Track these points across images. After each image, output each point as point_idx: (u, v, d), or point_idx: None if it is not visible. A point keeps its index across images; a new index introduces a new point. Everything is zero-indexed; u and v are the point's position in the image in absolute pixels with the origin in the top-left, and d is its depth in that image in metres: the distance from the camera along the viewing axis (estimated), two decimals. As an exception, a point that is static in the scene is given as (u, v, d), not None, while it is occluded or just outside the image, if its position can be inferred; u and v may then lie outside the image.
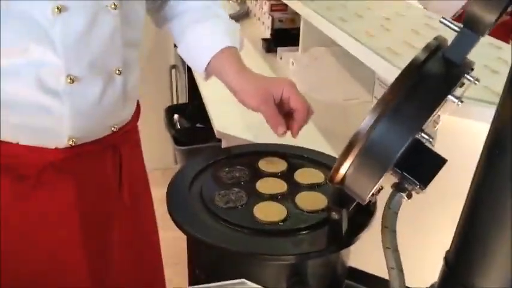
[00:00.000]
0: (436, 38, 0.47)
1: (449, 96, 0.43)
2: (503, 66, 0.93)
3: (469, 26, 0.43)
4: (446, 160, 0.50)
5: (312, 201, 0.62)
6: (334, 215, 0.55)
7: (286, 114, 0.74)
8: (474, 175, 0.50)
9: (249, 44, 2.05)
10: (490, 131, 0.47)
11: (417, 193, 0.51)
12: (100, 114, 0.76)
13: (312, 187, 0.66)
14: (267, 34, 2.04)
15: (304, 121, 0.73)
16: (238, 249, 0.55)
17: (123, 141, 0.83)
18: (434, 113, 0.44)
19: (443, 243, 0.58)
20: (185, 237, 0.61)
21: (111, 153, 0.82)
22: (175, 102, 2.56)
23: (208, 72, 0.82)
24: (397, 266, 0.51)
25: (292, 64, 1.62)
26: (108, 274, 0.86)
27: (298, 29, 1.74)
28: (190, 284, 0.63)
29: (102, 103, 0.75)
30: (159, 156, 2.21)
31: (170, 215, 0.60)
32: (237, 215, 0.60)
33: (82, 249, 0.80)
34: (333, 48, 1.57)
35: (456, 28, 0.45)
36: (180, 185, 0.66)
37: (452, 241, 0.54)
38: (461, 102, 0.44)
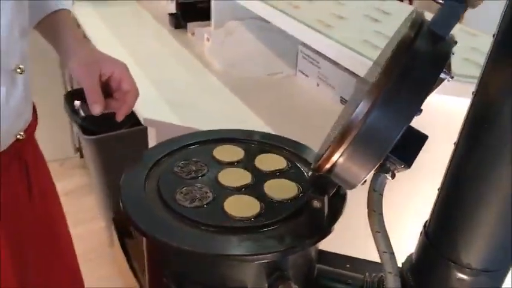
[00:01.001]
0: (415, 12, 0.45)
1: (442, 74, 0.42)
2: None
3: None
4: (427, 136, 0.49)
5: (281, 190, 0.59)
6: (316, 204, 0.52)
7: (107, 95, 0.74)
8: (456, 148, 0.49)
9: (154, 20, 1.94)
10: (473, 105, 0.47)
11: (402, 172, 0.50)
12: (5, 122, 0.66)
13: (275, 174, 0.63)
14: (172, 8, 1.93)
15: (133, 104, 0.75)
16: (218, 253, 0.50)
17: (27, 148, 0.76)
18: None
19: (418, 213, 0.59)
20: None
21: (18, 164, 0.74)
22: (72, 87, 2.36)
23: (41, 30, 0.79)
24: (388, 249, 0.49)
25: (208, 40, 1.55)
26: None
27: (206, 1, 1.67)
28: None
29: (8, 107, 0.66)
30: (55, 147, 2.05)
31: (133, 225, 0.54)
32: (206, 214, 0.55)
33: (11, 268, 0.72)
34: (248, 21, 1.53)
35: (440, 1, 0.43)
36: (134, 188, 0.59)
37: (432, 213, 0.54)
38: (452, 78, 0.43)
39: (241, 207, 0.56)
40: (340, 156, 0.44)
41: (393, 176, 0.50)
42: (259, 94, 1.26)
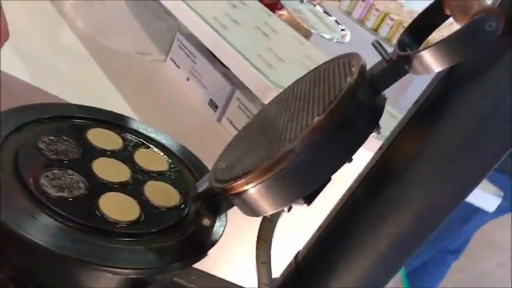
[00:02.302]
0: (359, 59, 0.45)
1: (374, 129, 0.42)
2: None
3: (404, 59, 0.42)
4: (331, 179, 0.49)
5: (163, 195, 0.54)
6: (206, 222, 0.48)
7: None
8: (351, 195, 0.51)
9: None
10: (381, 159, 0.49)
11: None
12: None
13: (156, 175, 0.57)
14: None
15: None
16: (85, 258, 0.43)
17: None
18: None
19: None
20: None
21: None
22: None
23: None
24: (269, 282, 0.48)
25: (74, -7, 1.38)
26: None
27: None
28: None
29: None
30: None
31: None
32: (76, 209, 0.47)
33: None
34: (123, -11, 1.41)
35: (386, 56, 0.44)
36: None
37: (308, 248, 0.54)
38: (379, 133, 0.44)
39: (118, 208, 0.49)
40: (255, 186, 0.42)
41: (290, 209, 0.50)
42: (125, 72, 1.16)
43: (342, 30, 2.27)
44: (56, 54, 1.09)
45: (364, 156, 0.51)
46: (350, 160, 0.41)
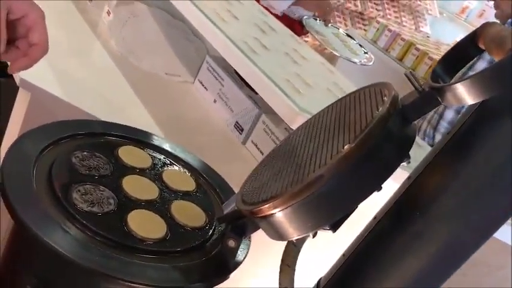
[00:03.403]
0: (390, 89, 0.45)
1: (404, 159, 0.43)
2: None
3: (437, 91, 0.42)
4: (357, 207, 0.49)
5: (189, 215, 0.54)
6: (232, 243, 0.48)
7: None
8: (377, 223, 0.51)
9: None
10: (408, 189, 0.48)
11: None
12: None
13: (183, 195, 0.58)
14: (73, -35, 1.74)
15: (35, 61, 0.62)
16: (111, 273, 0.44)
17: None
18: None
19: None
20: None
21: None
22: None
23: None
24: (292, 308, 0.48)
25: (108, 14, 1.42)
26: None
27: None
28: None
29: None
30: None
31: (9, 210, 0.44)
32: (105, 224, 0.48)
33: None
34: (155, 10, 1.45)
35: (419, 88, 0.44)
36: (21, 166, 0.49)
37: (331, 274, 0.54)
38: (409, 163, 0.44)
39: (146, 225, 0.50)
40: (283, 210, 0.42)
41: (315, 235, 0.50)
42: (153, 91, 1.18)
43: (365, 53, 2.28)
44: (89, 72, 1.12)
45: (390, 185, 0.51)
46: (379, 189, 0.41)
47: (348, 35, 2.62)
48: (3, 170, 0.48)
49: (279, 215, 0.42)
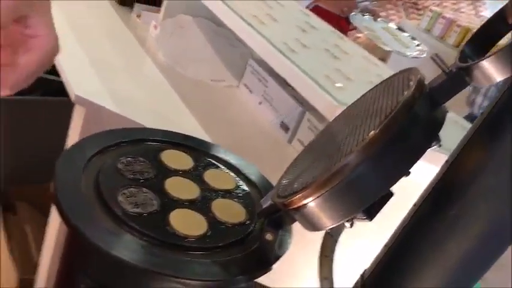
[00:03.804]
0: (417, 73, 0.45)
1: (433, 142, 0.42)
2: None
3: (465, 70, 0.41)
4: (393, 194, 0.49)
5: (229, 212, 0.56)
6: (269, 236, 0.50)
7: None
8: (416, 210, 0.50)
9: (98, -10, 1.82)
10: (445, 174, 0.47)
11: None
12: None
13: (224, 193, 0.60)
14: (122, -17, 1.82)
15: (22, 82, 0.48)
16: (158, 270, 0.46)
17: None
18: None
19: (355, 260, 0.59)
20: None
21: None
22: None
23: None
24: (333, 298, 0.48)
25: (155, 28, 1.48)
26: None
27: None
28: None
29: None
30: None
31: (63, 217, 0.48)
32: (149, 224, 0.50)
33: None
34: (200, 20, 1.49)
35: (445, 69, 0.43)
36: (70, 175, 0.53)
37: (374, 266, 0.54)
38: (440, 146, 0.43)
39: (187, 223, 0.52)
40: (314, 200, 0.43)
41: (352, 225, 0.50)
42: (200, 98, 1.22)
43: (418, 45, 2.22)
44: (139, 85, 1.18)
45: (430, 170, 0.50)
46: (407, 174, 0.41)
47: (399, 28, 2.56)
48: (55, 179, 0.52)
49: (311, 205, 0.43)
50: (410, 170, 0.41)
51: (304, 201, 0.43)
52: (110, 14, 1.63)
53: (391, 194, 0.49)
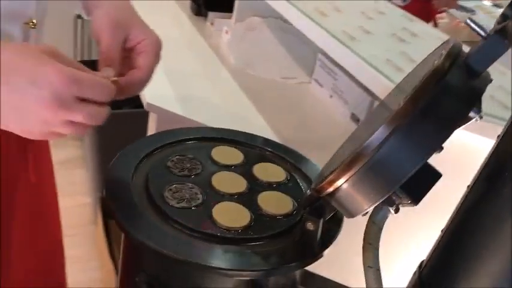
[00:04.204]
0: (451, 42, 0.41)
1: (471, 113, 0.38)
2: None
3: (501, 32, 0.37)
4: (441, 175, 0.45)
5: (275, 204, 0.55)
6: (310, 226, 0.48)
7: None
8: (469, 192, 0.46)
9: (176, 3, 1.91)
10: (496, 149, 0.43)
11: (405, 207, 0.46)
12: None
13: (272, 185, 0.59)
14: (196, -5, 1.89)
15: (136, 85, 0.60)
16: (198, 261, 0.47)
17: None
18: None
19: (415, 251, 0.55)
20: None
21: None
22: (80, 58, 2.33)
23: None
24: (378, 286, 0.46)
25: (226, 33, 1.51)
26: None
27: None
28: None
29: None
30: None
31: (112, 213, 0.50)
32: (192, 217, 0.51)
33: None
34: (270, 20, 1.50)
35: (482, 33, 0.39)
36: (121, 176, 0.56)
37: (431, 254, 0.50)
38: (481, 118, 0.39)
39: (230, 216, 0.52)
40: (345, 182, 0.41)
41: (397, 211, 0.47)
42: (271, 97, 1.22)
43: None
44: (211, 90, 1.21)
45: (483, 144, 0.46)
46: (440, 149, 0.38)
47: (496, 5, 2.37)
48: (106, 180, 0.54)
49: (342, 188, 0.41)
50: (443, 146, 0.38)
51: (335, 185, 0.41)
52: (185, 24, 1.70)
53: (438, 176, 0.45)
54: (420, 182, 0.44)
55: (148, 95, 1.04)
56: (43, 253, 0.87)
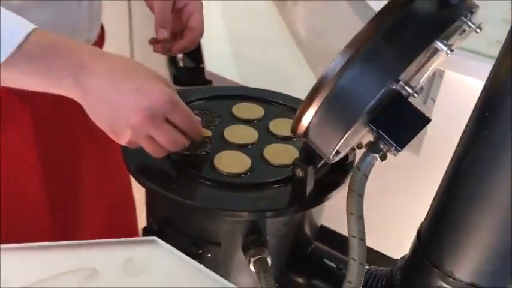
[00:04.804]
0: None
1: (438, 43, 0.36)
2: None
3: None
4: (430, 120, 0.42)
5: (281, 154, 0.56)
6: (299, 172, 0.48)
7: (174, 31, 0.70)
8: (459, 142, 0.43)
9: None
10: (482, 91, 0.40)
11: (393, 155, 0.44)
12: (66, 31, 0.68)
13: (285, 139, 0.59)
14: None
15: (192, 43, 0.68)
16: (193, 202, 0.50)
17: None
18: (418, 61, 0.36)
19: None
20: None
21: None
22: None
23: None
24: (358, 235, 0.45)
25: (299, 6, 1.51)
26: (73, 213, 0.83)
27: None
28: (143, 231, 0.58)
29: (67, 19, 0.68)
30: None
31: (123, 160, 0.55)
32: (195, 163, 0.54)
33: (43, 192, 0.76)
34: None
35: (457, -42, 0.36)
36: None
37: (427, 214, 0.48)
38: (451, 51, 0.36)
39: (230, 162, 0.54)
40: (311, 119, 0.41)
41: (383, 158, 0.45)
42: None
43: None
44: (274, 62, 1.22)
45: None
46: (397, 81, 0.36)
47: None
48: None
49: (311, 126, 0.41)
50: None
51: (301, 126, 0.41)
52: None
53: (426, 121, 0.43)
54: (405, 127, 0.42)
55: (209, 65, 1.08)
56: (114, 205, 0.94)
